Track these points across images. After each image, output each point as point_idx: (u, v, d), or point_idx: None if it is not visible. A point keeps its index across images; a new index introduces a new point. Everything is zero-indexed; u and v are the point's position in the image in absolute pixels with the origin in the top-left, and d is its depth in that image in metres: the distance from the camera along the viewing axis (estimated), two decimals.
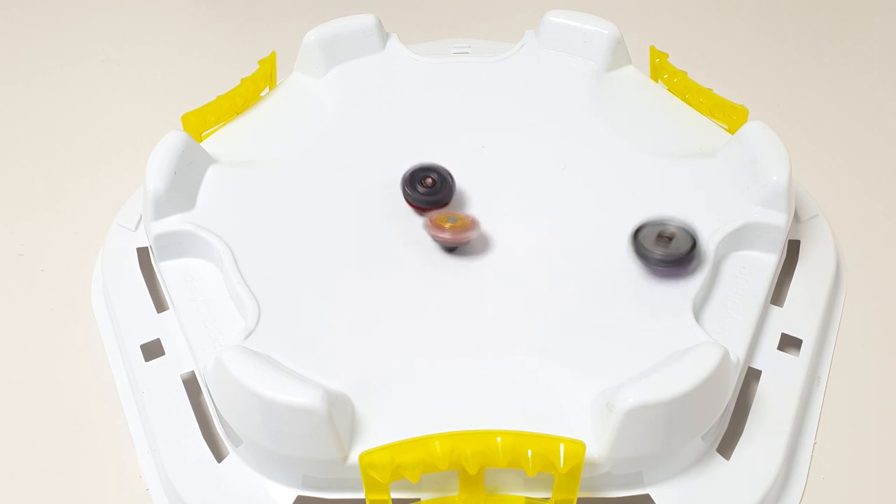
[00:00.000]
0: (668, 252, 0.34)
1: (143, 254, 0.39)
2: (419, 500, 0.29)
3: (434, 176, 0.37)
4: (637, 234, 0.35)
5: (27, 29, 0.60)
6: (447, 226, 0.35)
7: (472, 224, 0.35)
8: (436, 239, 0.35)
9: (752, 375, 0.34)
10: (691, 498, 0.30)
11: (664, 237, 0.34)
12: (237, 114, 0.42)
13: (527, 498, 0.29)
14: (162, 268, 0.36)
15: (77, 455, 0.34)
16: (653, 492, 0.30)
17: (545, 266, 0.35)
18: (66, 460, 0.34)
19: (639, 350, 0.31)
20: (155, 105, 0.53)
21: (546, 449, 0.27)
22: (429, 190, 0.37)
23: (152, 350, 0.35)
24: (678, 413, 0.29)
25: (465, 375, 0.31)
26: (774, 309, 0.36)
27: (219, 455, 0.32)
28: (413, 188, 0.37)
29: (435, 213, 0.36)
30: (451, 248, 0.36)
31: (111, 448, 0.34)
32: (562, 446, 0.27)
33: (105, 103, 0.53)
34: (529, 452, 0.27)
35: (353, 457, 0.29)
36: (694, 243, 0.34)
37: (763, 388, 0.34)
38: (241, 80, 0.43)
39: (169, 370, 0.35)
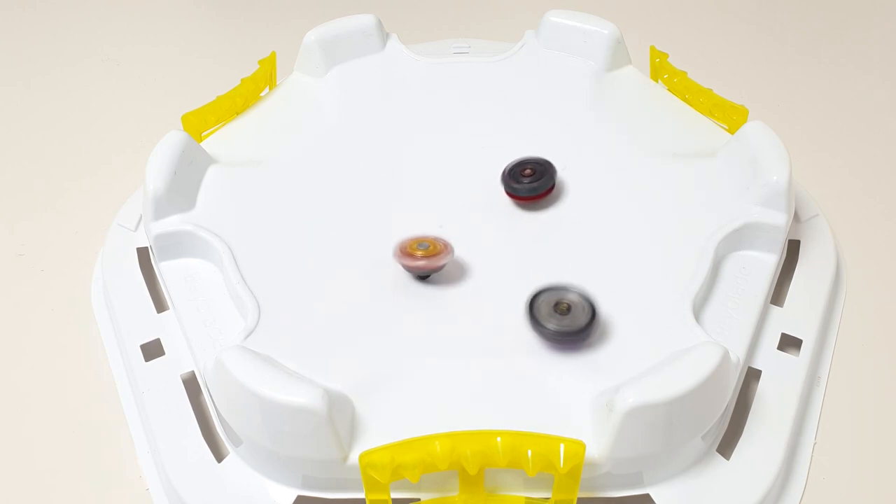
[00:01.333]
0: (563, 324, 0.31)
1: (143, 254, 0.39)
2: (419, 500, 0.29)
3: (533, 166, 0.37)
4: (532, 302, 0.32)
5: (27, 29, 0.60)
6: (419, 254, 0.34)
7: (443, 250, 0.34)
8: (407, 269, 0.34)
9: (752, 375, 0.34)
10: (691, 498, 0.30)
11: (561, 307, 0.31)
12: (237, 114, 0.42)
13: (527, 498, 0.29)
14: (162, 268, 0.36)
15: (77, 455, 0.34)
16: (653, 492, 0.30)
17: (545, 265, 0.35)
18: (66, 460, 0.34)
19: (639, 350, 0.31)
20: (155, 105, 0.53)
21: (546, 449, 0.27)
22: (531, 179, 0.37)
23: (152, 350, 0.35)
24: (678, 413, 0.29)
25: (465, 375, 0.31)
26: (774, 309, 0.36)
27: (219, 455, 0.32)
28: (517, 181, 0.37)
29: (405, 241, 0.34)
30: (423, 276, 0.35)
31: (111, 448, 0.34)
32: (562, 446, 0.27)
33: (105, 103, 0.53)
34: (529, 452, 0.27)
35: (353, 457, 0.29)
36: (593, 314, 0.31)
37: (763, 388, 0.34)
38: (241, 80, 0.43)
39: (169, 370, 0.35)
